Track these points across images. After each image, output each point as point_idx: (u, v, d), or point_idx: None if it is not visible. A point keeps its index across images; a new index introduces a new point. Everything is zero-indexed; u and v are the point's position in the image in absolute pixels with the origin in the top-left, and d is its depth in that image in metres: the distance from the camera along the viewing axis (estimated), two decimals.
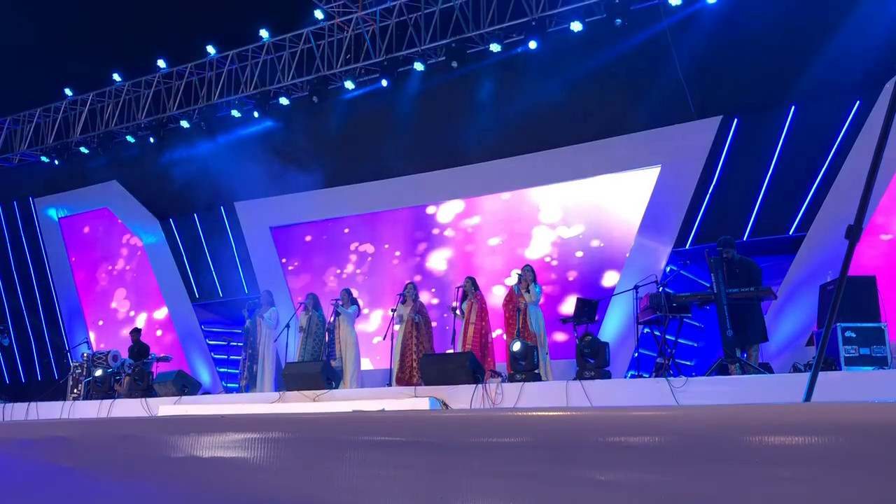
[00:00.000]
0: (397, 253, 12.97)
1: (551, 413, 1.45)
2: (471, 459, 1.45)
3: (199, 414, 6.69)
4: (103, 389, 9.86)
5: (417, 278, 12.06)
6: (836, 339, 6.14)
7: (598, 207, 11.29)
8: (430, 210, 12.80)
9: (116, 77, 14.80)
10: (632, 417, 1.36)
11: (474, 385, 7.12)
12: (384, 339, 9.32)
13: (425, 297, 11.43)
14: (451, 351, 9.23)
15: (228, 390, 12.85)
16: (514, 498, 1.37)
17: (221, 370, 13.40)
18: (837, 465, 1.07)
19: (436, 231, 12.72)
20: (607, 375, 7.06)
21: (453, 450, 1.48)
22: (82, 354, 11.35)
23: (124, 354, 11.58)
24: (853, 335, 6.15)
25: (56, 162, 15.59)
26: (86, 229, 16.44)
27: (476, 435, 1.48)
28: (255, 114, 13.35)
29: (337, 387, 8.43)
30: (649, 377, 7.31)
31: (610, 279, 10.90)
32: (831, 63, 9.23)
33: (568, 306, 10.66)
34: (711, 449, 1.20)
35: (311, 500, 1.62)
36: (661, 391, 6.19)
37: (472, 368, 7.37)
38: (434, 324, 10.23)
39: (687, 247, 10.11)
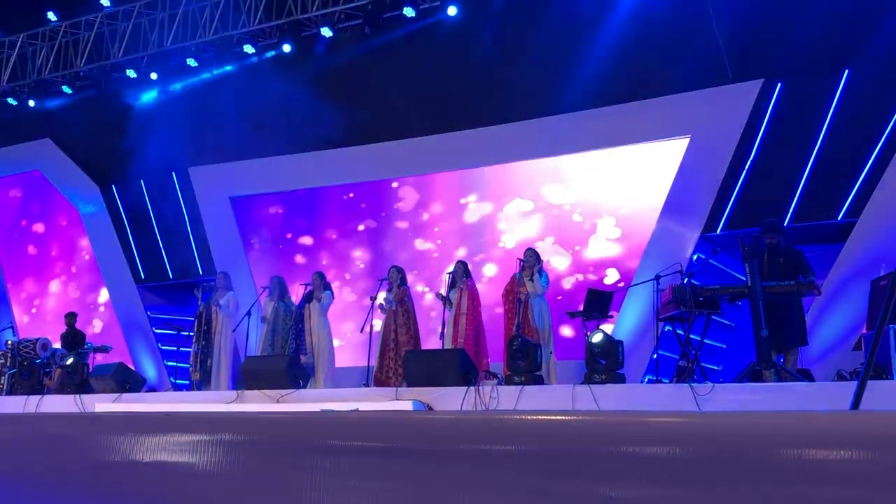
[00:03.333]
0: (374, 227, 12.95)
1: (555, 417, 1.44)
2: (458, 470, 1.44)
3: (141, 411, 6.70)
4: (30, 383, 9.86)
5: (403, 259, 12.05)
6: (889, 343, 6.17)
7: (615, 183, 11.28)
8: (417, 181, 12.77)
9: (51, 16, 14.65)
10: (648, 424, 1.35)
11: (465, 387, 7.14)
12: (362, 331, 9.34)
13: (409, 281, 11.41)
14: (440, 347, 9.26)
15: (177, 387, 12.85)
16: None
17: (170, 364, 13.40)
18: (891, 484, 1.06)
19: (423, 205, 12.69)
20: (621, 379, 7.10)
21: (439, 458, 1.47)
22: (6, 342, 11.33)
23: (56, 343, 11.54)
24: None
25: None
26: (12, 194, 16.35)
27: (466, 441, 1.47)
28: (215, 64, 13.23)
29: (306, 386, 8.45)
30: (669, 382, 7.36)
31: (627, 267, 10.92)
32: (892, 22, 9.20)
33: (578, 298, 10.68)
34: (741, 463, 1.20)
35: None
36: (682, 399, 6.23)
37: (462, 368, 7.39)
38: (433, 314, 10.24)
39: (717, 232, 10.13)
